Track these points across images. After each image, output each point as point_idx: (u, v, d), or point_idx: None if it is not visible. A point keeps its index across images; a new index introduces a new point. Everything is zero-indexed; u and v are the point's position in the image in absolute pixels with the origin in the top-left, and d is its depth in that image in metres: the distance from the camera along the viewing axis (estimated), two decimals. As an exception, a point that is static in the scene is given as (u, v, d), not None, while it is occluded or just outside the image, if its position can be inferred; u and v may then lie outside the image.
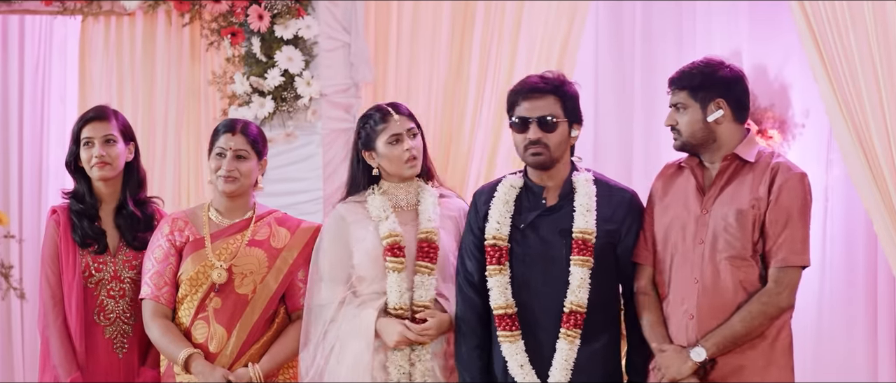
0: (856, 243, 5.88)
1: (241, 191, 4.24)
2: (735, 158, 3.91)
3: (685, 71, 3.96)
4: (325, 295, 4.12)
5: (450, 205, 4.25)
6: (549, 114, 3.96)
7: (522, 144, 3.99)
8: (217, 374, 4.10)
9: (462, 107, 5.78)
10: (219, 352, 4.16)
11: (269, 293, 4.19)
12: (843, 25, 5.11)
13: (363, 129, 4.19)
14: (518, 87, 4.02)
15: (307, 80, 5.66)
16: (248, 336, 4.18)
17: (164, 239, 4.24)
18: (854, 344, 5.89)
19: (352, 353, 4.06)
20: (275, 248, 4.23)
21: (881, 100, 5.06)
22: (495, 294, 3.99)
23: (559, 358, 3.92)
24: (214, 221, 4.27)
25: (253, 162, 4.25)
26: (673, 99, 3.95)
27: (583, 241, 3.95)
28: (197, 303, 4.18)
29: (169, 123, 5.92)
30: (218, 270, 4.18)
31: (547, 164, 3.99)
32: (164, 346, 4.17)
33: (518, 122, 3.98)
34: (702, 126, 3.91)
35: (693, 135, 3.91)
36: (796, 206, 3.85)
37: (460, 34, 5.80)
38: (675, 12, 6.13)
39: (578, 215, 3.97)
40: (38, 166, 6.27)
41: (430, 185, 4.25)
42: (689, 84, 3.92)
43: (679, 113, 3.93)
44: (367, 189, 4.21)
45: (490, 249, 4.00)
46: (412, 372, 4.08)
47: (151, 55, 5.93)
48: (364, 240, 4.13)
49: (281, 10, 5.65)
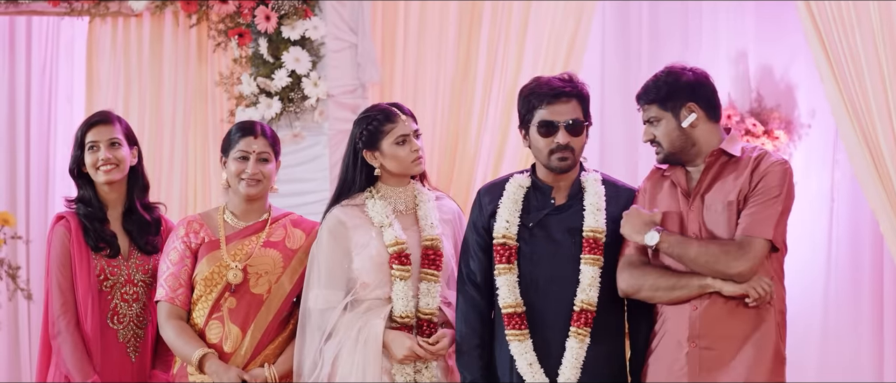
0: (862, 243, 5.89)
1: (263, 193, 4.26)
2: (721, 154, 3.92)
3: (649, 85, 3.97)
4: (325, 299, 4.10)
5: (444, 207, 4.24)
6: (577, 117, 3.96)
7: (547, 149, 3.97)
8: (232, 373, 4.10)
9: (469, 107, 5.79)
10: (233, 352, 4.16)
11: (283, 293, 4.20)
12: (849, 25, 5.12)
13: (366, 129, 4.15)
14: (539, 89, 3.98)
15: (314, 81, 5.67)
16: (263, 336, 4.18)
17: (180, 241, 4.24)
18: (860, 343, 5.90)
19: (358, 361, 4.05)
20: (290, 249, 4.24)
21: (887, 100, 5.07)
22: (504, 292, 3.98)
23: (569, 357, 3.92)
24: (230, 224, 4.28)
25: (274, 164, 4.27)
26: (645, 115, 3.96)
27: (594, 240, 3.95)
28: (211, 304, 4.19)
29: (176, 124, 5.93)
30: (233, 270, 4.18)
31: (571, 168, 3.99)
32: (179, 347, 4.17)
33: (543, 127, 3.98)
34: (679, 133, 3.92)
35: (673, 144, 3.93)
36: (773, 188, 3.85)
37: (467, 34, 5.81)
38: (681, 12, 6.14)
39: (589, 214, 3.98)
40: (44, 167, 6.28)
41: (425, 187, 4.24)
42: (657, 96, 3.94)
43: (654, 126, 3.95)
44: (363, 191, 4.19)
45: (499, 248, 4.00)
46: (417, 378, 4.08)
47: (158, 56, 5.94)
48: (367, 246, 4.11)
49: (288, 11, 5.67)
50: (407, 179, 4.19)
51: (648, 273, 3.90)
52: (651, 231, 3.84)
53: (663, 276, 3.88)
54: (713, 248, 3.80)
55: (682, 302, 3.85)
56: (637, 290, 3.91)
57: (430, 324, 4.09)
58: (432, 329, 4.09)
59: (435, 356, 4.05)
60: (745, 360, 3.82)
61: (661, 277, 3.88)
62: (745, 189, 3.85)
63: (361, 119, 4.19)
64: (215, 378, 4.10)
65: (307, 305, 4.11)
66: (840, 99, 5.15)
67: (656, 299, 3.90)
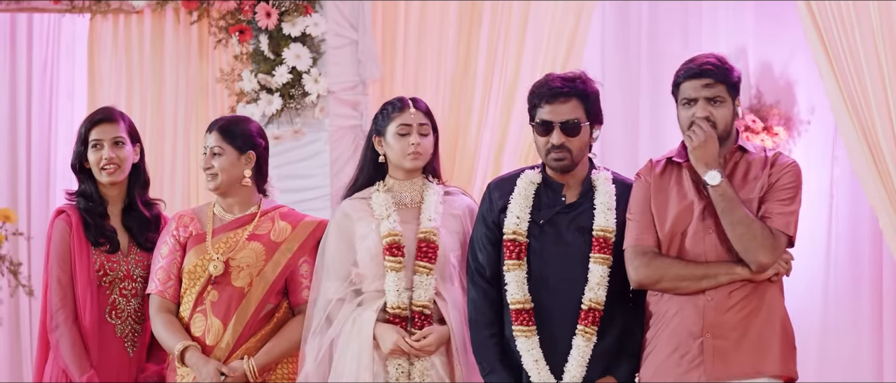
0: (861, 240, 5.90)
1: (225, 187, 4.25)
2: (739, 150, 3.93)
3: (718, 65, 3.92)
4: (329, 290, 4.13)
5: (454, 202, 4.24)
6: (572, 118, 3.96)
7: (545, 148, 3.97)
8: (210, 366, 4.11)
9: (469, 104, 5.80)
10: (215, 345, 4.16)
11: (265, 286, 4.19)
12: (849, 22, 5.12)
13: (380, 114, 4.19)
14: (540, 88, 3.98)
15: (315, 78, 5.68)
16: (245, 329, 4.18)
17: (170, 235, 4.26)
18: (859, 341, 5.90)
19: (351, 353, 4.07)
20: (274, 242, 4.23)
21: (886, 96, 5.08)
22: (513, 288, 3.99)
23: (575, 355, 3.93)
24: (218, 216, 4.29)
25: (231, 157, 4.24)
26: (710, 91, 3.87)
27: (603, 239, 3.95)
28: (195, 296, 4.20)
29: (177, 121, 5.94)
30: (215, 262, 4.19)
31: (569, 168, 3.99)
32: (165, 339, 4.19)
33: (541, 126, 3.98)
34: (731, 121, 3.92)
35: (726, 129, 3.91)
36: (791, 187, 3.88)
37: (467, 31, 5.82)
38: (681, 10, 6.15)
39: (599, 213, 3.97)
40: (46, 164, 6.29)
41: (434, 183, 4.25)
42: (726, 79, 3.91)
43: (716, 106, 3.89)
44: (373, 184, 4.21)
45: (509, 243, 4.00)
46: (411, 371, 4.09)
47: (160, 53, 5.95)
48: (366, 237, 4.13)
49: (289, 8, 5.68)
50: (415, 174, 4.21)
51: (670, 263, 3.87)
52: (714, 170, 3.82)
53: (688, 267, 3.85)
54: (756, 229, 3.80)
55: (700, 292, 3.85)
56: (657, 281, 3.88)
57: (423, 317, 4.09)
58: (425, 321, 4.09)
59: (420, 353, 4.06)
60: (756, 347, 3.83)
61: (686, 268, 3.85)
62: (763, 186, 3.87)
63: (381, 107, 4.23)
64: (194, 370, 4.11)
65: (313, 297, 4.14)
66: (839, 95, 5.16)
67: (678, 290, 3.88)
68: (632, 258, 3.92)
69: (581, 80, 3.97)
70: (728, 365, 3.84)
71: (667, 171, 3.99)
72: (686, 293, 3.88)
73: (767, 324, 3.86)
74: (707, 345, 3.85)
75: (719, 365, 3.83)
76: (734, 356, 3.84)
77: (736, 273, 3.83)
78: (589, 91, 3.97)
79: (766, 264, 3.82)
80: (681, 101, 3.92)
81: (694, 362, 3.86)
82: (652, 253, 3.90)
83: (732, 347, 3.84)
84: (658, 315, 3.93)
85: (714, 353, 3.84)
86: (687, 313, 3.87)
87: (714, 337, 3.84)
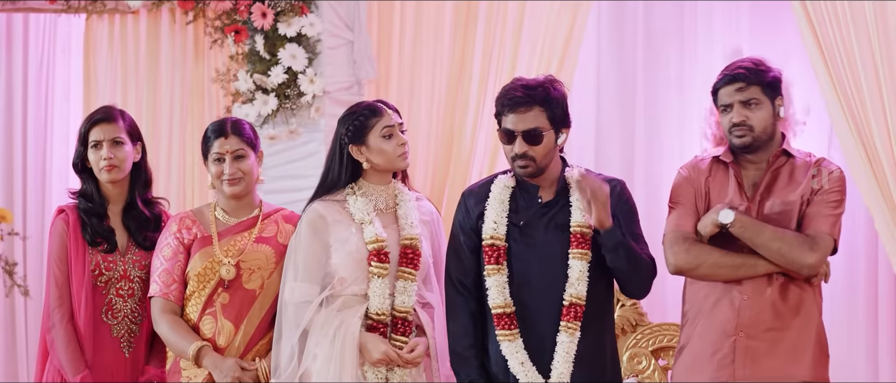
0: (856, 240, 5.89)
1: (247, 189, 4.28)
2: (783, 154, 3.94)
3: (753, 67, 3.93)
4: (301, 293, 4.09)
5: (423, 208, 4.25)
6: (533, 127, 3.94)
7: (509, 155, 3.99)
8: (230, 361, 4.13)
9: (464, 105, 5.80)
10: (226, 347, 4.19)
11: (276, 288, 4.21)
12: (844, 24, 5.13)
13: (352, 125, 4.14)
14: (503, 96, 3.98)
15: (310, 78, 5.68)
16: (256, 331, 4.21)
17: (172, 237, 4.26)
18: (854, 341, 5.89)
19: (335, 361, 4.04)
20: (282, 245, 4.25)
21: (882, 97, 5.09)
22: (494, 293, 4.00)
23: (560, 351, 3.94)
24: (221, 220, 4.30)
25: (252, 158, 4.27)
26: (744, 95, 3.90)
27: (581, 235, 3.96)
28: (205, 299, 4.21)
29: (173, 121, 5.95)
30: (226, 266, 4.21)
31: (534, 175, 4.00)
32: (174, 341, 4.19)
33: (504, 135, 3.98)
34: (772, 122, 3.93)
35: (765, 132, 3.92)
36: (836, 193, 3.92)
37: (463, 32, 5.82)
38: (676, 11, 6.14)
39: (575, 209, 3.99)
40: (41, 164, 6.29)
41: (405, 187, 4.25)
42: (761, 80, 3.91)
43: (752, 109, 3.91)
44: (345, 188, 4.19)
45: (488, 249, 4.01)
46: (390, 376, 4.08)
47: (155, 53, 5.95)
48: (347, 241, 4.11)
49: (284, 8, 5.68)
50: (389, 177, 4.21)
51: (710, 251, 3.90)
52: (725, 209, 3.84)
53: (728, 255, 3.88)
54: (789, 237, 3.82)
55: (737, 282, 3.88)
56: (695, 267, 3.91)
57: (404, 323, 4.11)
58: (407, 327, 4.11)
59: (409, 364, 4.06)
60: (789, 351, 3.84)
61: (725, 256, 3.88)
62: (806, 192, 3.88)
63: (347, 115, 4.19)
64: (212, 369, 4.12)
65: (284, 298, 4.13)
66: (835, 96, 5.17)
67: (716, 277, 3.90)
68: (671, 243, 3.94)
69: (543, 88, 3.96)
70: (758, 366, 3.85)
71: (712, 169, 4.01)
72: (723, 280, 3.88)
73: (803, 330, 3.88)
74: (739, 345, 3.86)
75: (749, 366, 3.84)
76: (765, 358, 3.85)
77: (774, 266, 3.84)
78: (552, 97, 3.96)
79: (813, 264, 3.85)
80: (719, 107, 3.95)
81: (724, 361, 3.88)
82: (692, 239, 3.91)
83: (765, 349, 3.85)
84: (695, 307, 3.95)
85: (745, 354, 3.85)
86: (722, 310, 3.89)
87: (747, 338, 3.86)
